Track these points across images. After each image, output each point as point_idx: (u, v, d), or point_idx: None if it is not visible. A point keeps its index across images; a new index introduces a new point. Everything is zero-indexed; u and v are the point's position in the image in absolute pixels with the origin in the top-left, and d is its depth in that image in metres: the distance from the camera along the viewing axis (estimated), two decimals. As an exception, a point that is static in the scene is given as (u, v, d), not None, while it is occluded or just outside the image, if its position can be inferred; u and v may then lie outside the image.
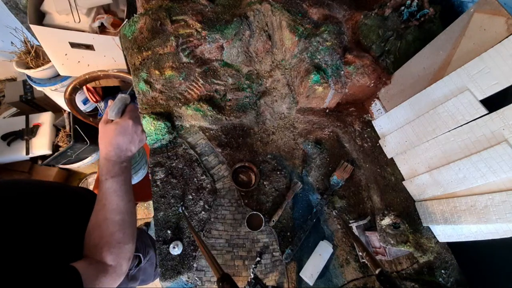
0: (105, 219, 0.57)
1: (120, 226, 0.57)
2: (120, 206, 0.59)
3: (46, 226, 0.57)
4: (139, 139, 0.66)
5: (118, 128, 0.62)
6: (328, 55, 0.89)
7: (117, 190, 0.59)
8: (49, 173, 1.81)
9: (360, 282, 0.82)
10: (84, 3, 1.26)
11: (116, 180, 0.60)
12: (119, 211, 0.58)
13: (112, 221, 0.57)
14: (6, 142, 1.63)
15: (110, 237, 0.56)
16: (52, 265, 0.46)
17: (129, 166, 0.65)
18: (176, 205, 0.84)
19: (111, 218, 0.57)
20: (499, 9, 0.62)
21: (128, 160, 0.64)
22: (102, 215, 0.57)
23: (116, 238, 0.56)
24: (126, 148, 0.63)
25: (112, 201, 0.58)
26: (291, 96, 0.97)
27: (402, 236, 0.77)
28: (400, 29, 0.88)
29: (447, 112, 0.73)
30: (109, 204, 0.58)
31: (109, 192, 0.59)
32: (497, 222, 0.65)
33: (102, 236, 0.55)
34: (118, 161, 0.61)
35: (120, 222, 0.58)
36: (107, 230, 0.56)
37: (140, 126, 0.67)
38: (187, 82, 0.92)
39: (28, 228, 0.53)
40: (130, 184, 0.64)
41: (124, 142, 0.62)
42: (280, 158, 0.95)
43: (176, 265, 0.78)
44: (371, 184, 0.89)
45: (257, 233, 0.83)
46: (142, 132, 0.68)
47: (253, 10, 0.91)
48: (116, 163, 0.61)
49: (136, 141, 0.65)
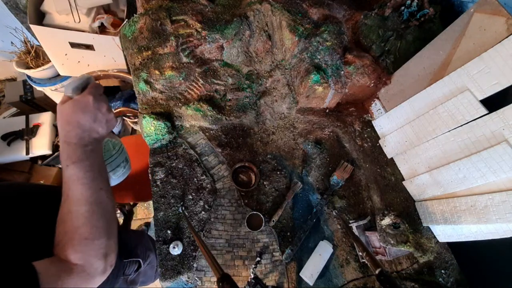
0: (69, 212, 0.50)
1: (86, 219, 0.50)
2: (85, 196, 0.50)
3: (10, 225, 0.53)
4: (106, 119, 0.56)
5: (76, 105, 0.52)
6: (328, 55, 0.89)
7: (81, 177, 0.50)
8: (49, 173, 1.81)
9: (360, 282, 0.82)
10: (84, 3, 1.26)
11: (79, 166, 0.51)
12: (85, 202, 0.50)
13: (76, 213, 0.49)
14: (6, 142, 1.63)
15: (74, 233, 0.49)
16: (8, 264, 0.43)
17: (97, 150, 0.55)
18: (176, 205, 0.84)
19: (75, 211, 0.49)
20: (499, 9, 0.62)
21: (94, 143, 0.54)
22: (65, 208, 0.50)
23: (82, 233, 0.49)
24: (90, 128, 0.53)
25: (75, 191, 0.50)
26: (291, 96, 0.97)
27: (402, 236, 0.77)
28: (400, 29, 0.88)
29: (447, 112, 0.73)
30: (72, 194, 0.50)
31: (71, 180, 0.50)
32: (497, 222, 0.65)
33: (65, 231, 0.49)
34: (80, 144, 0.52)
35: (86, 214, 0.50)
36: (71, 225, 0.49)
37: (104, 104, 0.56)
38: (187, 82, 0.92)
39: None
40: (101, 171, 0.55)
41: (86, 120, 0.53)
42: (280, 158, 0.95)
43: (176, 265, 0.78)
44: (371, 184, 0.89)
45: (257, 233, 0.83)
46: (108, 111, 0.57)
47: (253, 10, 0.91)
48: (78, 146, 0.51)
49: (102, 121, 0.55)
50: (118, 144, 0.72)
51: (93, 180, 0.52)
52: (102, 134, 0.56)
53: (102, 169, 0.56)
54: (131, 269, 0.94)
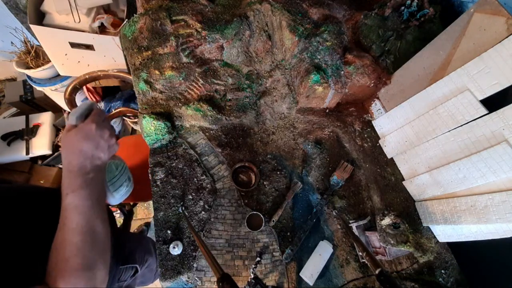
0: (63, 241, 0.49)
1: (78, 250, 0.49)
2: (80, 225, 0.50)
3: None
4: (108, 145, 0.58)
5: (79, 133, 0.54)
6: (328, 55, 0.89)
7: (79, 206, 0.51)
8: (49, 173, 1.81)
9: (360, 282, 0.82)
10: (84, 3, 1.26)
11: (79, 194, 0.51)
12: (79, 231, 0.50)
13: (70, 243, 0.49)
14: (6, 142, 1.63)
15: (65, 263, 0.48)
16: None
17: (97, 178, 0.56)
18: (176, 205, 0.84)
19: (69, 240, 0.49)
20: (499, 9, 0.62)
21: (95, 170, 0.56)
22: (60, 237, 0.50)
23: (72, 264, 0.48)
24: (92, 155, 0.55)
25: (71, 220, 0.50)
26: (291, 96, 0.97)
27: (402, 236, 0.77)
28: (400, 29, 0.88)
29: (447, 112, 0.73)
30: (68, 223, 0.50)
31: (69, 208, 0.51)
32: (497, 222, 0.65)
33: (57, 261, 0.48)
34: (82, 172, 0.53)
35: (79, 244, 0.49)
36: (63, 255, 0.48)
37: (107, 130, 0.58)
38: (187, 82, 0.92)
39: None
40: (100, 199, 0.56)
41: (89, 148, 0.54)
42: (280, 158, 0.95)
43: (176, 265, 0.78)
44: (371, 184, 0.89)
45: (257, 233, 0.83)
46: (110, 136, 0.59)
47: (253, 10, 0.91)
48: (79, 175, 0.53)
49: (104, 147, 0.57)
50: (120, 165, 0.72)
51: (91, 209, 0.52)
52: (104, 160, 0.58)
53: (101, 197, 0.57)
54: (127, 275, 0.93)
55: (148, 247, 1.09)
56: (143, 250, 1.03)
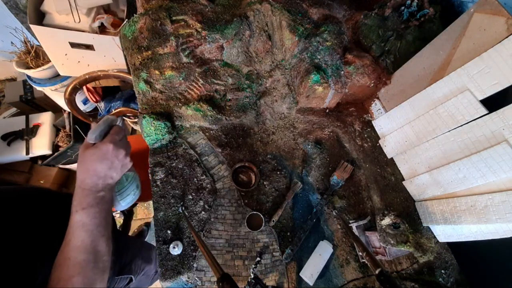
0: (67, 258, 0.50)
1: (81, 269, 0.50)
2: (86, 243, 0.51)
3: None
4: (121, 164, 0.59)
5: (96, 153, 0.55)
6: (328, 55, 0.89)
7: (87, 224, 0.52)
8: (49, 173, 1.81)
9: (360, 282, 0.82)
10: (84, 3, 1.26)
11: (87, 212, 0.53)
12: (84, 250, 0.51)
13: (74, 262, 0.50)
14: (6, 142, 1.63)
15: (66, 282, 0.48)
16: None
17: (107, 196, 0.58)
18: (176, 205, 0.84)
19: (73, 258, 0.50)
20: (499, 9, 0.62)
21: (107, 189, 0.58)
22: (65, 253, 0.51)
23: (74, 283, 0.48)
24: (105, 175, 0.56)
25: (77, 237, 0.51)
26: (291, 96, 0.97)
27: (402, 236, 0.77)
28: (400, 29, 0.88)
29: (447, 112, 0.73)
30: (74, 240, 0.51)
31: (76, 226, 0.52)
32: (497, 222, 0.65)
33: (59, 279, 0.49)
34: (93, 190, 0.55)
35: (82, 263, 0.50)
36: (66, 273, 0.49)
37: (123, 150, 0.59)
38: (187, 82, 0.92)
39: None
40: (107, 217, 0.57)
41: (103, 169, 0.56)
42: (280, 158, 0.95)
43: (176, 265, 0.78)
44: (371, 184, 0.89)
45: (257, 233, 0.83)
46: (125, 156, 0.61)
47: (253, 10, 0.91)
48: (90, 193, 0.54)
49: (118, 167, 0.58)
50: (130, 175, 0.72)
51: (97, 227, 0.54)
52: (116, 179, 0.60)
53: (108, 215, 0.58)
54: (121, 284, 0.92)
55: (147, 255, 1.07)
56: (141, 258, 1.02)
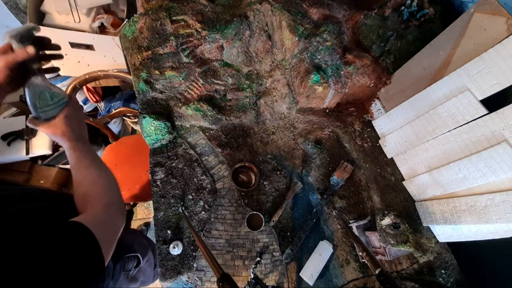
0: (83, 175, 0.60)
1: (97, 178, 0.60)
2: (95, 165, 0.62)
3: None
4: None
5: (77, 104, 0.66)
6: (328, 55, 0.89)
7: (90, 151, 0.64)
8: (49, 173, 1.81)
9: (360, 282, 0.82)
10: (84, 3, 1.26)
11: (88, 152, 0.64)
12: (96, 167, 0.62)
13: (89, 177, 0.60)
14: (6, 142, 1.63)
15: (91, 188, 0.59)
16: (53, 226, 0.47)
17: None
18: (176, 205, 0.84)
19: (89, 174, 0.60)
20: (499, 9, 0.62)
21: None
22: (79, 176, 0.60)
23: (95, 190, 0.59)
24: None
25: (87, 159, 0.62)
26: (291, 96, 0.97)
27: (402, 236, 0.77)
28: (400, 29, 0.88)
29: (447, 112, 0.73)
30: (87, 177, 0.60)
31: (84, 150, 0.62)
32: (497, 222, 0.65)
33: (84, 194, 0.58)
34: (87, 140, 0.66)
35: (95, 178, 0.61)
36: (88, 187, 0.59)
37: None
38: (187, 82, 0.92)
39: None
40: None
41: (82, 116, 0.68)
42: (280, 158, 0.95)
43: (176, 265, 0.78)
44: (371, 184, 0.89)
45: (257, 233, 0.83)
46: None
47: (253, 10, 0.91)
48: (86, 142, 0.65)
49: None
50: (58, 96, 0.67)
51: (100, 162, 0.65)
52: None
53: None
54: (130, 264, 0.95)
55: (144, 242, 1.10)
56: (140, 243, 1.06)
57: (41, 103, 0.64)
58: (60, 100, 0.66)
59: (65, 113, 0.63)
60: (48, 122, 0.62)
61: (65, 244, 0.43)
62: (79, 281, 0.42)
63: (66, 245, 0.43)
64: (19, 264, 0.37)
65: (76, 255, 0.43)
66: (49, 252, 0.40)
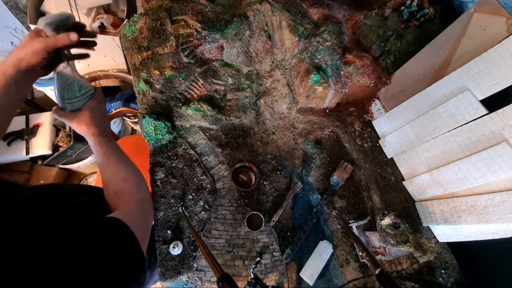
0: (113, 173, 0.61)
1: (128, 175, 0.62)
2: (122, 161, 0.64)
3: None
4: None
5: (104, 102, 0.68)
6: (328, 55, 0.89)
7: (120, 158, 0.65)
8: (49, 173, 1.81)
9: (360, 282, 0.82)
10: (84, 3, 1.26)
11: (115, 149, 0.66)
12: (125, 165, 0.64)
13: (119, 174, 0.62)
14: (6, 142, 1.63)
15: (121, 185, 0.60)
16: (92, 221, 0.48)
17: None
18: (176, 205, 0.84)
19: (118, 171, 0.62)
20: (499, 9, 0.62)
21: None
22: (108, 174, 0.61)
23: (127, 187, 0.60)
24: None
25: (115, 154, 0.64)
26: (291, 96, 0.97)
27: (402, 236, 0.77)
28: (400, 29, 0.88)
29: (447, 112, 0.73)
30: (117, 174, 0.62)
31: (111, 145, 0.64)
32: (497, 222, 0.65)
33: (115, 191, 0.59)
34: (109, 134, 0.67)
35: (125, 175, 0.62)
36: (118, 184, 0.60)
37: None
38: (187, 82, 0.92)
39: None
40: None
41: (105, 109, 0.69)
42: (280, 158, 0.95)
43: (176, 265, 0.78)
44: (371, 184, 0.89)
45: (257, 233, 0.83)
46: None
47: (253, 10, 0.91)
48: (109, 136, 0.66)
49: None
50: (85, 88, 0.66)
51: (125, 157, 0.67)
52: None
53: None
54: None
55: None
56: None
57: (69, 94, 0.62)
58: (86, 92, 0.64)
59: (90, 106, 0.63)
60: (73, 114, 0.61)
61: (108, 241, 0.44)
62: (128, 278, 0.43)
63: (109, 241, 0.44)
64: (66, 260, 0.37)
65: (120, 253, 0.44)
66: (96, 249, 0.41)
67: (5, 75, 0.53)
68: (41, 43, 0.54)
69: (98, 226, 0.45)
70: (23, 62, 0.54)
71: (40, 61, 0.55)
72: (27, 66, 0.54)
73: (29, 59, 0.54)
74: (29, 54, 0.54)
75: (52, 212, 0.51)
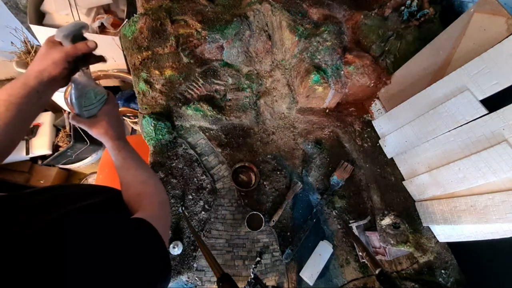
0: (133, 175, 0.63)
1: (148, 178, 0.63)
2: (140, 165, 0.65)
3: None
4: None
5: (117, 105, 0.67)
6: (328, 55, 0.89)
7: (133, 151, 0.66)
8: (49, 173, 1.81)
9: (360, 282, 0.82)
10: (84, 3, 1.26)
11: (132, 153, 0.66)
12: (143, 169, 0.65)
13: (140, 177, 0.62)
14: (6, 142, 1.63)
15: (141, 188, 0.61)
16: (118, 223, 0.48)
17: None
18: (176, 205, 0.84)
19: (138, 174, 0.63)
20: (499, 9, 0.62)
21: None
22: (128, 177, 0.62)
23: (146, 189, 0.61)
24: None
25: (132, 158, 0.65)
26: (291, 96, 0.97)
27: (402, 236, 0.77)
28: (400, 29, 0.88)
29: (447, 112, 0.73)
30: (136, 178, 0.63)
31: (128, 150, 0.65)
32: (497, 222, 0.65)
33: (136, 193, 0.60)
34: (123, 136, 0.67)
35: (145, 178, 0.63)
36: (138, 186, 0.61)
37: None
38: (187, 82, 0.92)
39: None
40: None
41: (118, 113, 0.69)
42: (280, 158, 0.95)
43: (176, 265, 0.78)
44: (371, 184, 0.89)
45: (257, 233, 0.83)
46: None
47: (253, 10, 0.91)
48: (125, 140, 0.67)
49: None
50: (100, 94, 0.68)
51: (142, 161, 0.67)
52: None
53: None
54: None
55: None
56: None
57: (86, 102, 0.64)
58: (102, 98, 0.66)
59: (106, 111, 0.64)
60: (92, 120, 0.63)
61: (139, 242, 0.45)
62: (159, 277, 0.44)
63: (139, 242, 0.45)
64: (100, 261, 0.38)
65: (150, 253, 0.45)
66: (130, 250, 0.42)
67: (27, 86, 0.53)
68: (61, 53, 0.55)
69: (128, 227, 0.47)
70: (45, 73, 0.54)
71: (61, 71, 0.56)
72: (49, 77, 0.55)
73: (51, 70, 0.55)
74: (50, 65, 0.54)
75: (81, 215, 0.52)
